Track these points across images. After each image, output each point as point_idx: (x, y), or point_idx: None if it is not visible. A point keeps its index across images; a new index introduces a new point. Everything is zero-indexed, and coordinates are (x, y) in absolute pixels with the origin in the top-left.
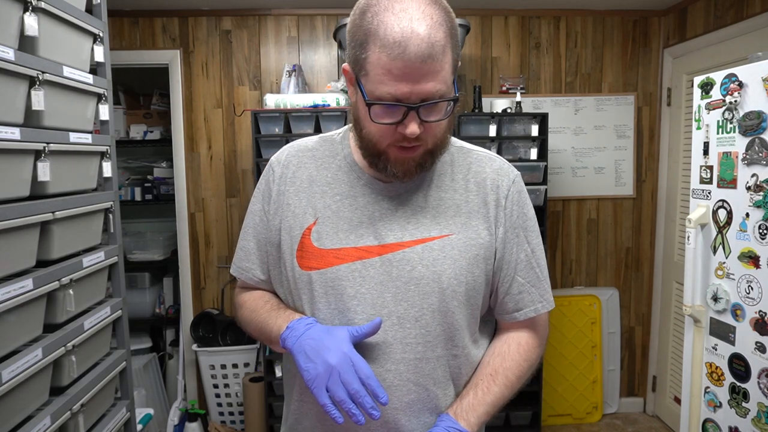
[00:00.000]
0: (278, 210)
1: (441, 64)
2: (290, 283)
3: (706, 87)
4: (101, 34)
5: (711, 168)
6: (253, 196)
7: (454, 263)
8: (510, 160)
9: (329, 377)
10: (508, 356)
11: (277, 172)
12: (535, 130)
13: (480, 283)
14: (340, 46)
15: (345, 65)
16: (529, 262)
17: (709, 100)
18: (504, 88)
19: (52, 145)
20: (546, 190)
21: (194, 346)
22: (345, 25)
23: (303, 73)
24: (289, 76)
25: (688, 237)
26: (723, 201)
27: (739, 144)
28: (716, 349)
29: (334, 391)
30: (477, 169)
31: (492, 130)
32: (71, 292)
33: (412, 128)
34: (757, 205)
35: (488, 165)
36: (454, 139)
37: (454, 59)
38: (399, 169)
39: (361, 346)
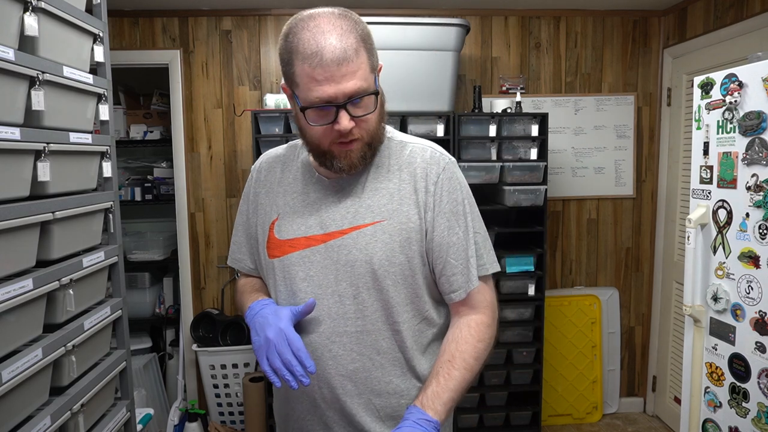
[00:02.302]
0: (255, 210)
1: (357, 65)
2: (264, 271)
3: (706, 87)
4: (101, 34)
5: (711, 168)
6: (241, 198)
7: (385, 246)
8: (510, 160)
9: (268, 348)
10: (462, 340)
11: (254, 177)
12: (535, 130)
13: (416, 264)
14: None
15: (282, 83)
16: (460, 245)
17: (709, 100)
18: (504, 88)
19: (52, 145)
20: (546, 190)
21: (194, 346)
22: None
23: None
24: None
25: (688, 237)
26: (723, 201)
27: (739, 144)
28: (716, 349)
29: (272, 360)
30: (410, 160)
31: (492, 130)
32: (71, 292)
33: (344, 123)
34: (757, 205)
35: (420, 155)
36: (396, 134)
37: (372, 61)
38: (344, 163)
39: (309, 321)
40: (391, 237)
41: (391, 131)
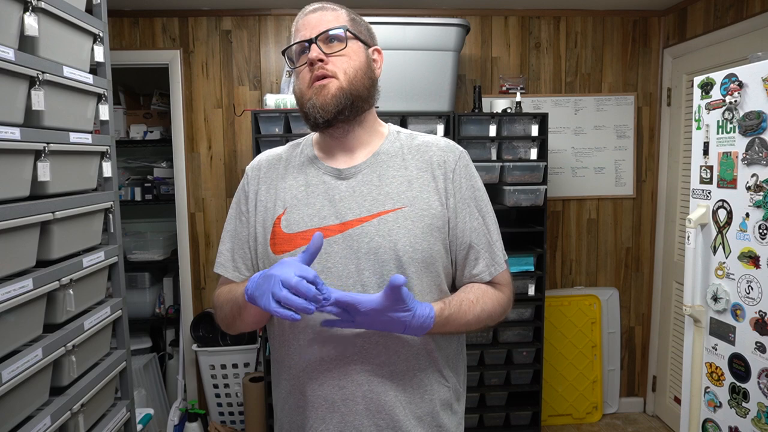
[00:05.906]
0: (255, 208)
1: (333, 15)
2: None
3: (706, 87)
4: (101, 34)
5: (711, 168)
6: (231, 204)
7: (408, 232)
8: (510, 160)
9: (271, 283)
10: (488, 295)
11: (251, 175)
12: (535, 130)
13: (438, 251)
14: None
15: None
16: (481, 230)
17: (709, 100)
18: (504, 88)
19: (52, 145)
20: (546, 190)
21: (194, 346)
22: None
23: None
24: (289, 76)
25: (688, 237)
26: (723, 201)
27: (739, 144)
28: (716, 349)
29: (276, 293)
30: (424, 149)
31: (492, 130)
32: (71, 292)
33: (314, 52)
34: (757, 205)
35: (434, 145)
36: (403, 129)
37: (358, 28)
38: (317, 101)
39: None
40: (414, 223)
41: (398, 128)
